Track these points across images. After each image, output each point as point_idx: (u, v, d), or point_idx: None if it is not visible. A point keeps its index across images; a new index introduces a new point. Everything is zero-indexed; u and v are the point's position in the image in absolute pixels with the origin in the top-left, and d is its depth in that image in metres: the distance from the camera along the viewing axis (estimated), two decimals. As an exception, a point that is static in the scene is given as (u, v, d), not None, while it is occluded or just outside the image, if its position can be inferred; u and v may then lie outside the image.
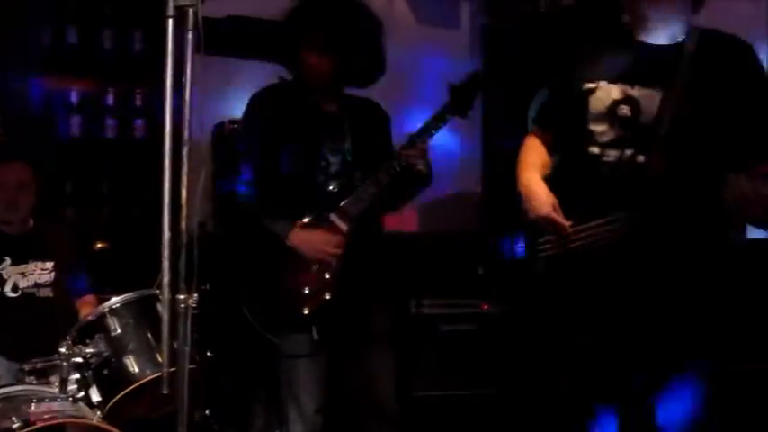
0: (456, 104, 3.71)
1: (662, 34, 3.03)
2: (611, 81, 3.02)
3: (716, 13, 3.21)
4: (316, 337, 3.59)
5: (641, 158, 2.96)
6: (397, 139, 3.78)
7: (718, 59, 2.99)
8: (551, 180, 3.16)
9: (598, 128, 3.02)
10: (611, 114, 3.01)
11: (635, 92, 3.00)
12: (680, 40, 3.03)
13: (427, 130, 3.68)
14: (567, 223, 3.04)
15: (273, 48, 3.88)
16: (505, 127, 6.06)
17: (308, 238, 3.63)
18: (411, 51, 6.07)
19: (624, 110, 2.99)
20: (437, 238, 5.94)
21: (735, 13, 4.65)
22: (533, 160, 3.22)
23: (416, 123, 3.71)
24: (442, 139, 3.76)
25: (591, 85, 3.05)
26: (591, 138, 3.03)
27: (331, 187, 3.68)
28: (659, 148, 2.92)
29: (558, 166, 3.15)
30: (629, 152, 2.98)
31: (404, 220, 4.46)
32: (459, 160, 6.24)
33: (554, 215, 3.03)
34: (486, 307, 5.18)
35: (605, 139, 3.01)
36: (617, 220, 2.93)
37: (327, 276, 3.63)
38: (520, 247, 3.28)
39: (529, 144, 3.30)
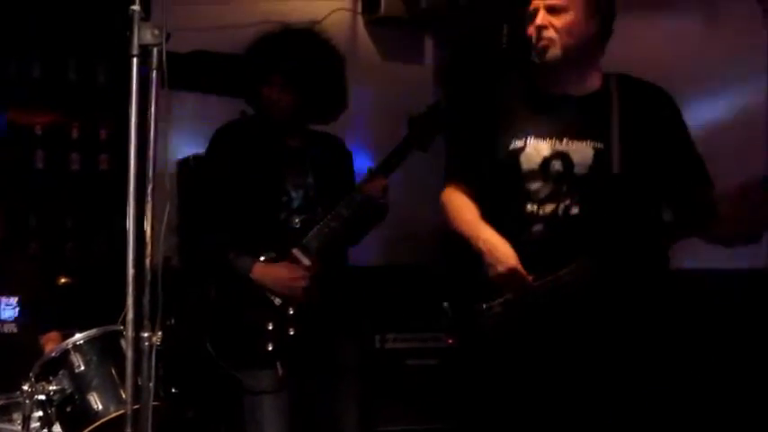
0: (416, 137, 3.73)
1: (577, 85, 3.09)
2: (539, 137, 3.05)
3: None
4: (280, 372, 3.59)
5: (576, 210, 2.99)
6: (360, 174, 3.81)
7: (638, 103, 3.05)
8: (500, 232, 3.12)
9: (533, 185, 3.03)
10: (543, 171, 3.02)
11: (564, 146, 3.02)
12: (595, 87, 3.09)
13: (388, 164, 3.70)
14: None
15: (237, 83, 3.90)
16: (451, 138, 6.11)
17: (271, 272, 3.63)
18: (374, 86, 6.11)
19: (557, 165, 3.01)
20: (401, 270, 5.95)
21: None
22: (474, 215, 3.16)
23: (378, 158, 3.73)
24: (406, 171, 3.78)
25: (519, 144, 3.07)
26: (527, 196, 3.04)
27: (294, 222, 3.69)
28: (596, 197, 2.97)
29: (490, 223, 3.11)
30: (563, 204, 3.00)
31: (367, 253, 4.46)
32: (423, 192, 6.26)
33: (520, 268, 2.96)
34: (451, 341, 5.18)
35: (541, 195, 3.02)
36: (580, 267, 2.93)
37: (291, 312, 3.64)
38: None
39: (457, 197, 3.26)
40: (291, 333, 3.61)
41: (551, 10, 3.00)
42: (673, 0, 5.21)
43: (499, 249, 2.99)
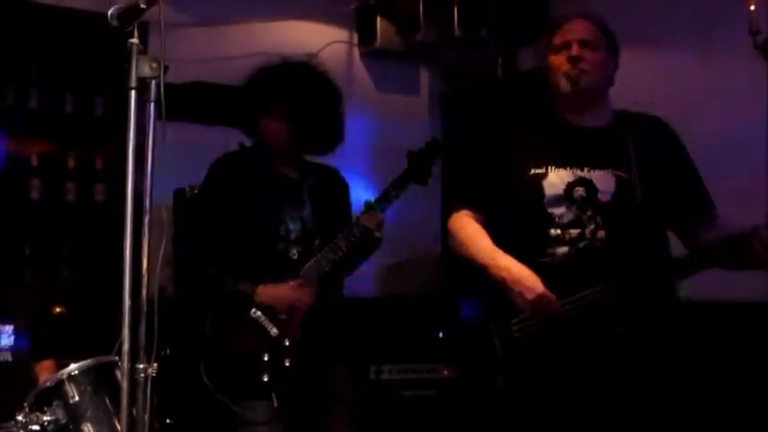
0: (414, 172, 3.75)
1: (593, 117, 3.22)
2: (559, 165, 3.14)
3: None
4: (275, 403, 3.58)
5: (602, 234, 3.08)
6: (357, 206, 3.82)
7: (646, 135, 3.20)
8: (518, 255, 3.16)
9: (556, 210, 3.11)
10: (567, 196, 3.11)
11: (586, 173, 3.13)
12: (608, 120, 3.24)
13: (386, 198, 3.71)
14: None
15: (234, 113, 3.91)
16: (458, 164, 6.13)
17: (275, 291, 3.64)
18: (370, 118, 6.14)
19: (580, 191, 3.11)
20: (396, 301, 5.95)
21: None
22: (489, 242, 3.19)
23: (376, 190, 3.75)
24: (402, 203, 3.79)
25: (539, 170, 3.15)
26: (550, 221, 3.10)
27: (291, 254, 3.70)
28: (621, 223, 3.09)
29: (506, 247, 3.15)
30: (589, 229, 3.09)
31: (363, 284, 4.47)
32: (419, 223, 6.27)
33: (549, 294, 3.00)
34: (446, 372, 5.18)
35: (565, 220, 3.10)
36: (606, 289, 3.00)
37: (287, 343, 3.63)
38: (467, 309, 3.29)
39: (468, 223, 3.29)
40: (287, 364, 3.61)
41: (585, 44, 3.17)
42: (668, 33, 5.25)
43: (526, 278, 3.02)
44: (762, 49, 3.43)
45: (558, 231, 3.11)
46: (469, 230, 3.26)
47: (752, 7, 4.31)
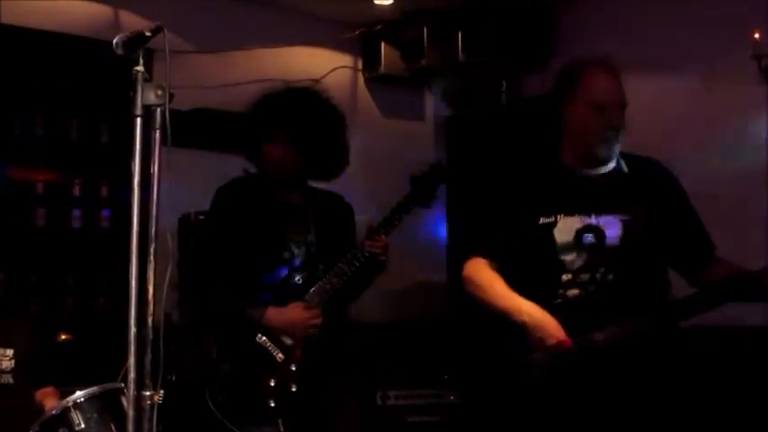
0: (418, 195, 3.76)
1: (604, 166, 3.33)
2: (568, 213, 3.27)
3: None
4: (282, 429, 3.57)
5: (611, 277, 3.21)
6: (361, 231, 3.82)
7: (646, 177, 3.33)
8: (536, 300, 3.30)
9: (567, 257, 3.25)
10: (577, 243, 3.25)
11: (593, 220, 3.25)
12: (612, 165, 3.33)
13: (390, 221, 3.72)
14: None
15: (238, 140, 3.92)
16: (470, 214, 6.14)
17: (283, 314, 3.64)
18: (375, 143, 6.15)
19: (589, 237, 3.25)
20: (402, 327, 5.94)
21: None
22: (506, 288, 3.32)
23: (380, 214, 3.75)
24: (406, 226, 3.80)
25: (549, 220, 3.29)
26: (561, 266, 3.25)
27: (296, 279, 3.70)
28: (629, 264, 3.22)
29: (520, 291, 3.29)
30: (599, 273, 3.21)
31: (368, 310, 4.47)
32: (424, 248, 6.28)
33: (567, 339, 3.15)
34: (452, 398, 5.17)
35: (576, 266, 3.24)
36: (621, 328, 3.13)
37: (293, 368, 3.63)
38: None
39: (484, 270, 3.41)
40: (293, 389, 3.60)
41: (623, 107, 3.28)
42: (670, 58, 5.27)
43: (547, 324, 3.16)
44: (766, 74, 3.49)
45: (570, 276, 3.25)
46: (485, 277, 3.39)
47: (756, 36, 4.40)
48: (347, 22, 6.34)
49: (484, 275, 3.39)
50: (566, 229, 3.27)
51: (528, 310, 3.20)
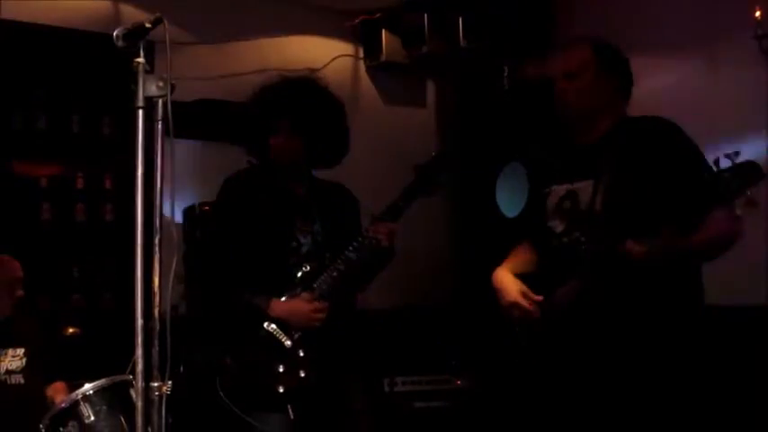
0: (422, 184, 3.76)
1: (590, 133, 3.38)
2: (558, 183, 3.42)
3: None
4: (291, 416, 3.58)
5: (583, 239, 3.26)
6: (366, 218, 3.83)
7: (640, 141, 3.26)
8: (540, 270, 3.48)
9: (553, 223, 3.40)
10: (559, 210, 3.39)
11: (573, 186, 3.36)
12: (601, 133, 3.36)
13: (395, 210, 3.72)
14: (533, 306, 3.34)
15: (241, 131, 3.93)
16: (475, 201, 6.14)
17: (290, 307, 3.65)
18: (377, 130, 6.15)
19: (567, 203, 3.37)
20: (408, 314, 5.95)
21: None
22: (511, 258, 3.57)
23: (380, 201, 3.76)
24: (412, 214, 3.80)
25: (546, 190, 3.45)
26: (551, 233, 3.39)
27: (303, 268, 3.70)
28: (594, 227, 3.23)
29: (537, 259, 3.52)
30: (574, 236, 3.30)
31: (375, 297, 4.47)
32: (430, 235, 6.28)
33: (519, 299, 3.35)
34: (459, 383, 5.18)
35: (558, 230, 3.37)
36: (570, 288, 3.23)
37: (302, 354, 3.64)
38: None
39: (518, 250, 3.63)
40: (302, 375, 3.61)
41: (568, 76, 3.37)
42: (671, 39, 5.26)
43: (502, 285, 3.42)
44: (768, 53, 3.47)
45: (556, 241, 3.37)
46: (510, 256, 3.60)
47: (757, 14, 4.41)
48: (347, 10, 6.33)
49: (510, 256, 3.59)
50: (553, 197, 3.41)
51: (497, 275, 3.46)
